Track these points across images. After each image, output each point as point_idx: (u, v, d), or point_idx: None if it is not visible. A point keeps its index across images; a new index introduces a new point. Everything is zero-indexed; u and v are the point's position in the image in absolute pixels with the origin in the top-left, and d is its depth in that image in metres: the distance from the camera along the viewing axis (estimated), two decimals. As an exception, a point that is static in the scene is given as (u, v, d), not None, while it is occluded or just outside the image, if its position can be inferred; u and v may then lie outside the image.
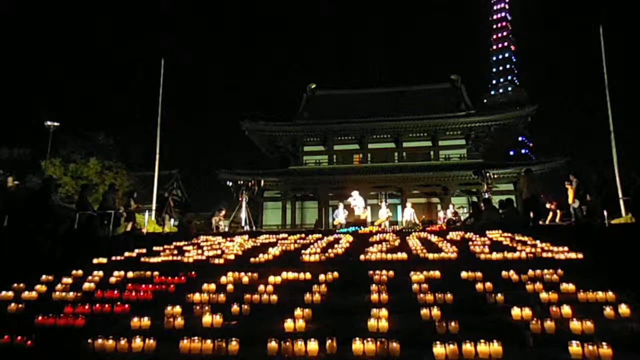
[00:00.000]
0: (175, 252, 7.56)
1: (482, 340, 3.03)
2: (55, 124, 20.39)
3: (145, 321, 3.75)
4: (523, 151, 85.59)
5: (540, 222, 11.89)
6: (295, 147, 32.82)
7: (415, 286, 4.65)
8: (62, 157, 23.56)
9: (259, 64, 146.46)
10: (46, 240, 8.17)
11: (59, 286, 5.11)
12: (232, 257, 6.90)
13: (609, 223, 11.47)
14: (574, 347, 2.97)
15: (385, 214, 16.52)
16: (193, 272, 5.57)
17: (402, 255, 6.44)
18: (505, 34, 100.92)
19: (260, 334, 3.46)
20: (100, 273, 5.64)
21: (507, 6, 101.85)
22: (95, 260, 6.52)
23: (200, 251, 7.56)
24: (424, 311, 3.83)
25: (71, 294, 4.78)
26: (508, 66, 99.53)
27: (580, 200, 11.68)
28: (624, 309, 3.67)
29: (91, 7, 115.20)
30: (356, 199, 15.24)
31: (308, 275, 5.27)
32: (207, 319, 3.78)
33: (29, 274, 5.41)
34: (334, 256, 6.75)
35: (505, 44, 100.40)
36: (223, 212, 16.15)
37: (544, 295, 4.17)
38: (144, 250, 7.55)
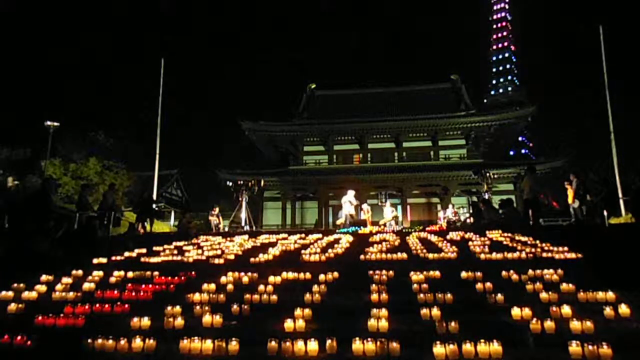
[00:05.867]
0: (175, 252, 7.57)
1: (482, 340, 3.03)
2: (55, 124, 20.39)
3: (145, 321, 3.75)
4: (523, 151, 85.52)
5: (541, 222, 11.89)
6: (295, 147, 32.84)
7: (415, 286, 4.64)
8: (62, 157, 23.57)
9: (259, 63, 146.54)
10: (46, 240, 8.17)
11: (59, 286, 5.11)
12: (232, 257, 6.91)
13: (609, 223, 11.47)
14: (574, 347, 2.97)
15: (391, 213, 16.51)
16: (193, 272, 5.57)
17: (402, 255, 6.44)
18: (505, 34, 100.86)
19: (260, 334, 3.46)
20: (100, 273, 5.64)
21: (507, 6, 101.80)
22: (95, 260, 6.51)
23: (200, 251, 7.56)
24: (424, 311, 3.82)
25: (71, 294, 4.77)
26: (508, 66, 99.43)
27: (580, 200, 11.67)
28: (624, 309, 3.67)
29: (91, 6, 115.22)
30: (350, 198, 15.14)
31: (308, 275, 5.27)
32: (207, 319, 3.77)
33: (29, 274, 5.41)
34: (334, 256, 6.75)
35: (505, 44, 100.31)
36: (217, 210, 16.14)
37: (544, 295, 4.17)
38: (144, 250, 7.56)
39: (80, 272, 5.70)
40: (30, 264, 6.24)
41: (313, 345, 3.14)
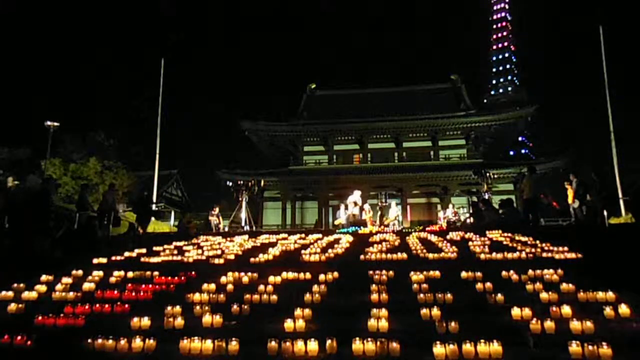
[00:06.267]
0: (175, 252, 7.57)
1: (482, 340, 3.03)
2: (55, 124, 20.40)
3: (145, 321, 3.75)
4: (523, 151, 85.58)
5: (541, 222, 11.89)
6: (295, 147, 32.82)
7: (415, 286, 4.65)
8: (62, 157, 23.58)
9: (259, 63, 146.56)
10: (46, 240, 8.17)
11: (59, 286, 5.11)
12: (232, 257, 6.91)
13: (609, 223, 11.47)
14: (574, 347, 2.97)
15: (395, 213, 16.53)
16: (193, 272, 5.57)
17: (402, 255, 6.44)
18: (505, 34, 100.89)
19: (260, 334, 3.47)
20: (100, 273, 5.64)
21: (507, 6, 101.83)
22: (95, 260, 6.51)
23: (200, 251, 7.56)
24: (424, 311, 3.83)
25: (71, 294, 4.77)
26: (508, 66, 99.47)
27: (580, 200, 11.67)
28: (624, 309, 3.67)
29: (91, 6, 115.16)
30: (355, 198, 15.22)
31: (308, 275, 5.27)
32: (207, 319, 3.77)
33: (29, 274, 5.41)
34: (334, 256, 6.74)
35: (505, 44, 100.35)
36: (217, 210, 16.12)
37: (544, 295, 4.17)
38: (144, 250, 7.56)
39: (80, 272, 5.70)
40: (30, 264, 6.24)
41: (313, 345, 3.14)
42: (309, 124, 32.07)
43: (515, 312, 3.70)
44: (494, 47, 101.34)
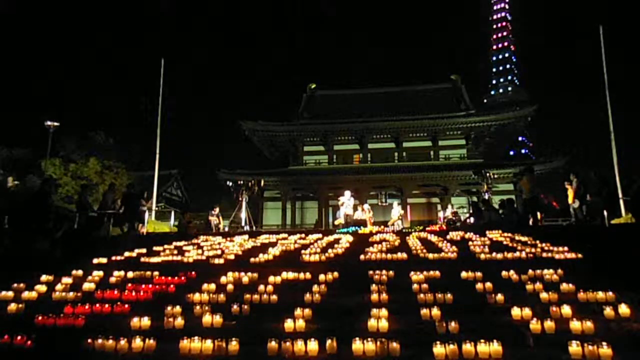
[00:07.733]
0: (175, 252, 7.56)
1: (482, 340, 3.03)
2: (55, 124, 20.39)
3: (145, 321, 3.75)
4: (523, 151, 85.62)
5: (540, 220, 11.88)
6: (295, 147, 32.81)
7: (415, 286, 4.64)
8: (62, 157, 23.58)
9: (259, 63, 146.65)
10: (46, 240, 8.17)
11: (59, 286, 5.11)
12: (232, 257, 6.90)
13: (609, 223, 11.47)
14: (574, 347, 2.97)
15: (397, 213, 16.51)
16: (193, 272, 5.57)
17: (402, 255, 6.44)
18: (505, 34, 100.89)
19: (260, 334, 3.47)
20: (100, 273, 5.64)
21: (507, 6, 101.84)
22: (95, 260, 6.51)
23: (200, 251, 7.56)
24: (424, 311, 3.83)
25: (71, 294, 4.77)
26: (508, 66, 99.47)
27: (580, 200, 11.67)
28: (624, 309, 3.67)
29: (91, 6, 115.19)
30: (347, 199, 15.19)
31: (308, 275, 5.27)
32: (207, 319, 3.78)
33: (29, 274, 5.41)
34: (334, 256, 6.74)
35: (505, 44, 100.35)
36: (217, 210, 16.09)
37: (544, 295, 4.17)
38: (144, 250, 7.55)
39: (80, 272, 5.70)
40: (30, 264, 6.24)
41: (313, 345, 3.15)
42: (309, 124, 32.08)
43: (515, 312, 3.70)
44: (494, 47, 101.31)
